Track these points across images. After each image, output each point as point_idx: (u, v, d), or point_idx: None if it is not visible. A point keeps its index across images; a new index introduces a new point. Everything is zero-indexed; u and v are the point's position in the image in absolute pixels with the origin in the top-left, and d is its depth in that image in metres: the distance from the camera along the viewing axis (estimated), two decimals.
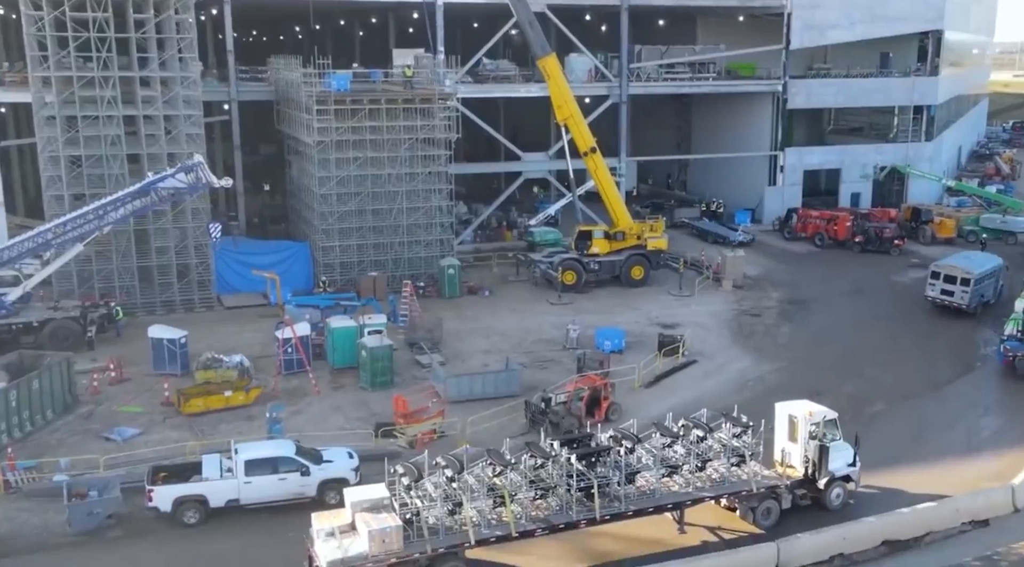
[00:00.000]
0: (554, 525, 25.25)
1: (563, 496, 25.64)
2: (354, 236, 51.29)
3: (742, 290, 53.33)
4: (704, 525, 27.95)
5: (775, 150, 71.42)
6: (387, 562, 23.33)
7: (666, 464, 27.31)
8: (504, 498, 24.76)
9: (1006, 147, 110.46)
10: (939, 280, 48.29)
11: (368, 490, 24.98)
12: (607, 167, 54.34)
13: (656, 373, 40.07)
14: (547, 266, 52.56)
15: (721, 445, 28.01)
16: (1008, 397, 38.47)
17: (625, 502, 26.12)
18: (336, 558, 23.12)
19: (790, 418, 28.98)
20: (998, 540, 27.50)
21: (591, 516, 25.48)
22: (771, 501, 27.84)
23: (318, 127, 49.50)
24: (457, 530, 24.36)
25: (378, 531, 23.19)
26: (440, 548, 23.94)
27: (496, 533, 24.58)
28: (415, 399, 34.28)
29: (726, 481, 27.46)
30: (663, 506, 26.77)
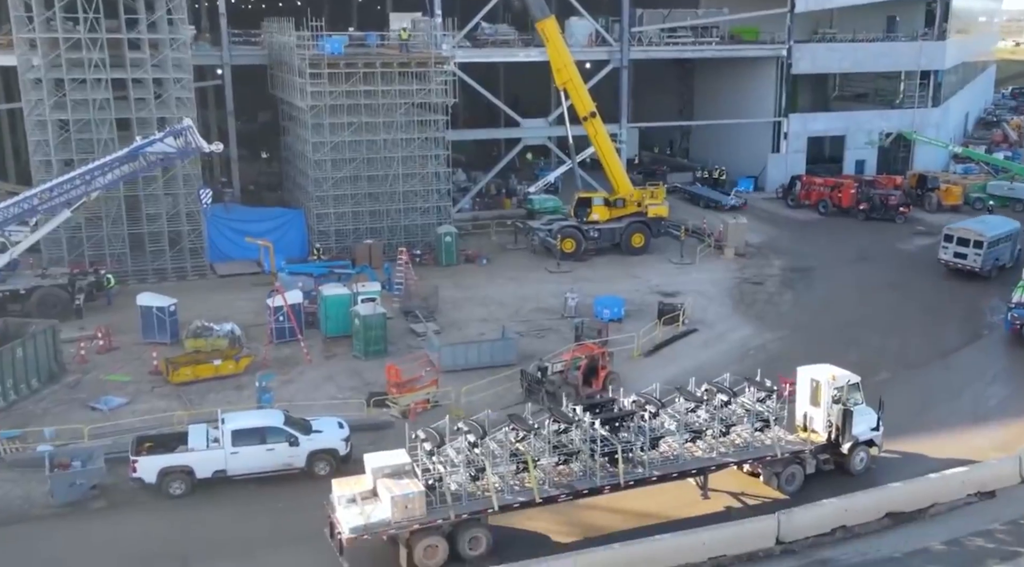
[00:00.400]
0: (578, 491, 24.90)
1: (586, 462, 25.27)
2: (349, 203, 50.39)
3: (744, 258, 52.44)
4: (727, 491, 27.62)
5: (779, 116, 70.21)
6: (410, 528, 23.04)
7: (690, 429, 26.86)
8: (528, 463, 24.35)
9: (1013, 114, 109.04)
10: (952, 243, 47.95)
11: (389, 456, 24.54)
12: (607, 133, 53.18)
13: (656, 342, 39.30)
14: (546, 234, 51.64)
15: (745, 410, 27.60)
16: (1015, 365, 37.64)
17: (649, 467, 25.74)
18: (359, 524, 22.83)
19: (812, 382, 28.42)
20: (1004, 512, 26.81)
21: (615, 482, 25.12)
22: (795, 466, 27.51)
23: (312, 91, 48.45)
24: (480, 496, 24.04)
25: (401, 497, 22.88)
26: (463, 514, 23.60)
27: (519, 499, 24.24)
28: (408, 368, 33.54)
29: (750, 446, 27.14)
30: (687, 471, 26.44)
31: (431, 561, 23.40)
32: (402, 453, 24.50)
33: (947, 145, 69.64)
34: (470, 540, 23.85)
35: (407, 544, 23.27)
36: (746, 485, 27.94)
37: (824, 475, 27.94)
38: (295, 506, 26.69)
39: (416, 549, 23.21)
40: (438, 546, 23.43)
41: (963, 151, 70.55)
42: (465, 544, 23.79)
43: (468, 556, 23.87)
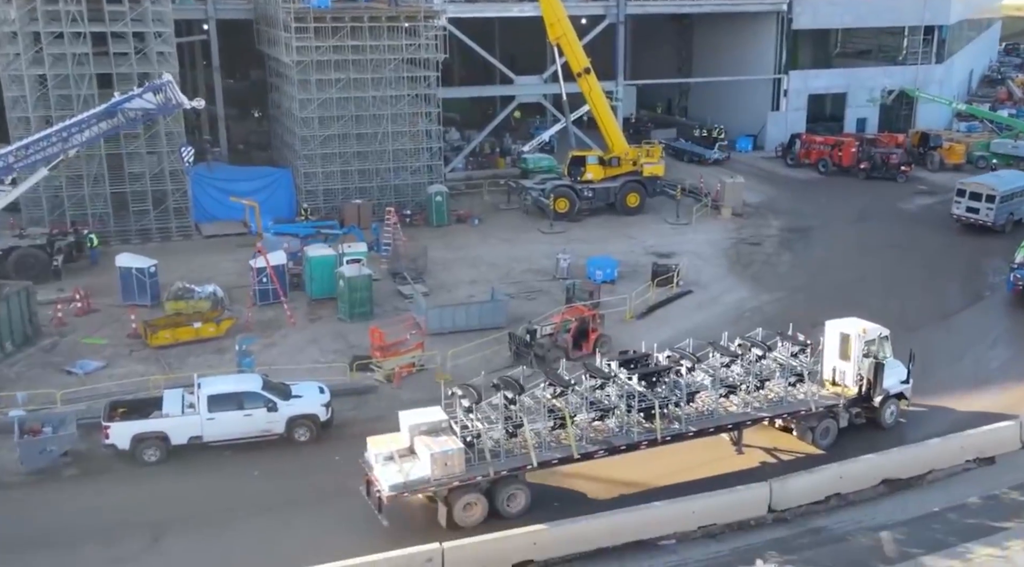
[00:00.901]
0: (615, 447, 24.67)
1: (623, 418, 24.96)
2: (337, 162, 49.21)
3: (741, 218, 51.37)
4: (760, 446, 27.47)
5: (779, 73, 68.68)
6: (449, 485, 22.85)
7: (725, 384, 26.43)
8: (565, 420, 24.09)
9: (1019, 71, 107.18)
10: (964, 198, 47.71)
11: (425, 413, 24.27)
12: (602, 90, 51.81)
13: (649, 304, 38.37)
14: (539, 193, 50.49)
15: (779, 365, 27.19)
16: (1017, 327, 36.71)
17: (685, 423, 25.48)
18: (398, 482, 22.58)
19: (842, 336, 28.02)
20: (1004, 478, 26.04)
21: (652, 437, 24.87)
22: (829, 420, 27.34)
23: (297, 46, 47.07)
24: (518, 453, 23.76)
25: (440, 454, 22.63)
26: (502, 471, 23.40)
27: (557, 455, 24.02)
28: (393, 331, 32.61)
29: (783, 401, 26.91)
30: (723, 426, 26.23)
31: (470, 518, 23.30)
32: (438, 410, 24.37)
33: (950, 102, 68.22)
34: (508, 497, 23.68)
35: (446, 501, 23.12)
36: (777, 440, 27.75)
37: (854, 429, 27.75)
38: (274, 473, 26.02)
39: (455, 506, 23.08)
40: (477, 503, 23.32)
41: (967, 109, 69.14)
42: (504, 501, 23.64)
43: (507, 513, 23.68)
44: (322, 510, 24.24)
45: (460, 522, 23.18)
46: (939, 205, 54.45)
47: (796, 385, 27.20)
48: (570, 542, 22.36)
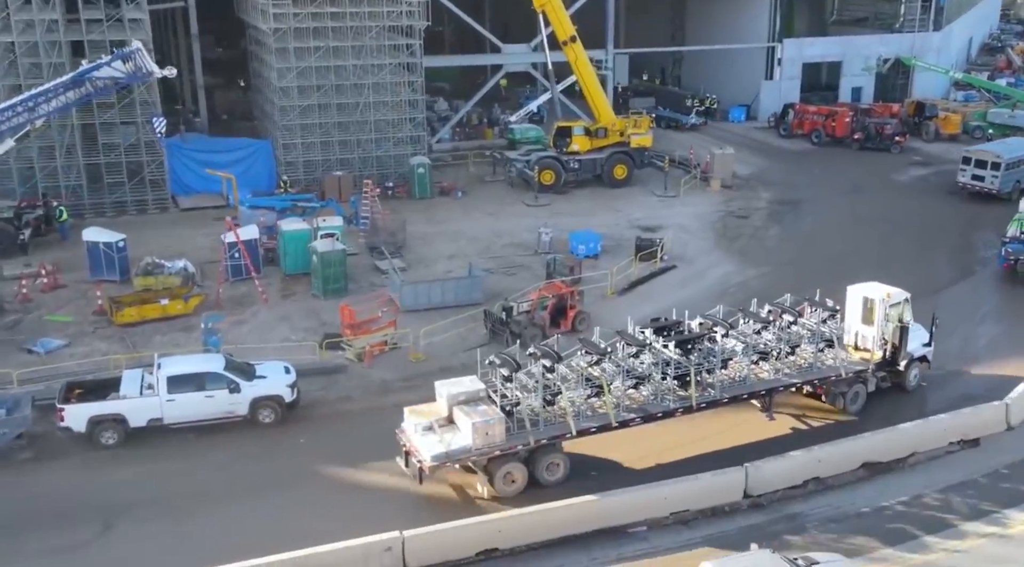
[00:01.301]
0: (651, 414, 24.59)
1: (657, 385, 24.88)
2: (317, 133, 48.10)
3: (731, 190, 50.36)
4: (789, 413, 27.55)
5: (772, 42, 67.29)
6: (490, 455, 22.85)
7: (756, 350, 26.35)
8: (603, 387, 23.96)
9: (1019, 39, 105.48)
10: (970, 165, 47.67)
11: (462, 382, 24.15)
12: (588, 59, 50.55)
13: (632, 279, 37.48)
14: (523, 165, 49.41)
15: (809, 331, 27.11)
16: (1007, 303, 35.87)
17: (719, 390, 25.41)
18: (440, 452, 22.56)
19: (865, 300, 27.85)
20: (989, 461, 25.29)
21: (687, 404, 24.82)
22: (859, 385, 27.43)
23: (274, 13, 45.88)
24: (555, 422, 23.70)
25: (482, 423, 22.62)
26: (542, 439, 23.33)
27: (595, 424, 23.92)
28: (366, 308, 31.72)
29: (813, 367, 26.81)
30: (756, 393, 26.22)
31: (510, 488, 23.25)
32: (475, 380, 24.21)
33: (947, 71, 66.91)
34: (548, 466, 23.67)
35: (486, 471, 23.11)
36: (805, 406, 27.87)
37: (880, 394, 27.96)
38: (236, 457, 25.30)
39: (496, 476, 23.04)
40: (518, 473, 23.29)
41: (963, 77, 67.80)
42: (543, 470, 23.60)
43: (547, 482, 23.64)
44: (285, 496, 23.54)
45: (500, 492, 23.18)
46: (933, 176, 53.53)
47: (824, 351, 27.05)
48: (536, 530, 21.64)
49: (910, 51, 68.71)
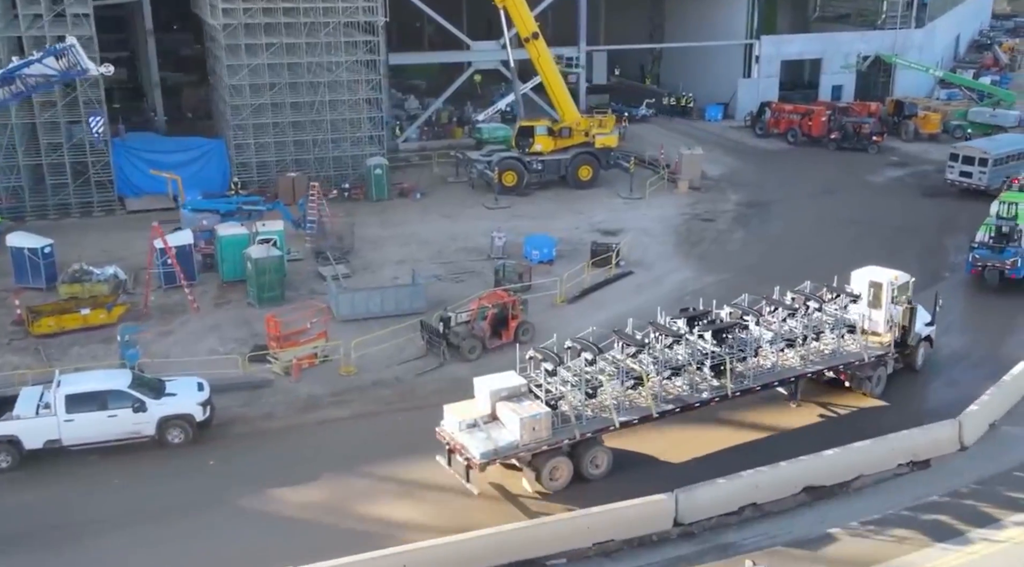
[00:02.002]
0: (689, 404, 24.73)
1: (692, 375, 25.10)
2: (271, 132, 46.58)
3: (699, 192, 48.91)
4: (814, 400, 27.62)
5: (750, 38, 65.82)
6: (537, 450, 22.74)
7: (784, 338, 26.37)
8: (642, 379, 23.94)
9: (1009, 36, 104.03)
10: (958, 162, 47.53)
11: (501, 378, 23.83)
12: (551, 56, 49.05)
13: (584, 287, 36.00)
14: (484, 166, 47.90)
15: (832, 317, 27.33)
16: (973, 313, 34.43)
17: (752, 378, 25.58)
18: (488, 449, 22.34)
19: (872, 284, 28.36)
20: (940, 484, 23.84)
21: (723, 393, 24.96)
22: (881, 368, 27.74)
23: (224, 8, 44.37)
24: (596, 415, 23.64)
25: (530, 418, 22.52)
26: (587, 433, 23.30)
27: (636, 416, 23.92)
28: (294, 319, 30.20)
29: (836, 353, 27.12)
30: (786, 380, 26.44)
31: (557, 482, 23.17)
32: (513, 375, 23.99)
33: (928, 69, 65.36)
34: (592, 459, 23.60)
35: (533, 467, 22.97)
36: (826, 393, 27.92)
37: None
38: (140, 480, 23.86)
39: (543, 471, 22.91)
40: (563, 467, 23.20)
41: (944, 75, 66.31)
42: (588, 464, 23.52)
43: (592, 476, 23.60)
44: (189, 522, 22.10)
45: (547, 487, 23.06)
46: (909, 177, 52.16)
47: (845, 337, 27.24)
48: (447, 562, 20.20)
49: (892, 48, 67.24)
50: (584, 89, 62.57)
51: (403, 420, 26.70)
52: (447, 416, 23.46)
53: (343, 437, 25.81)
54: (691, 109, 66.66)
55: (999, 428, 26.09)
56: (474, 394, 23.84)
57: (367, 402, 27.63)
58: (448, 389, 28.52)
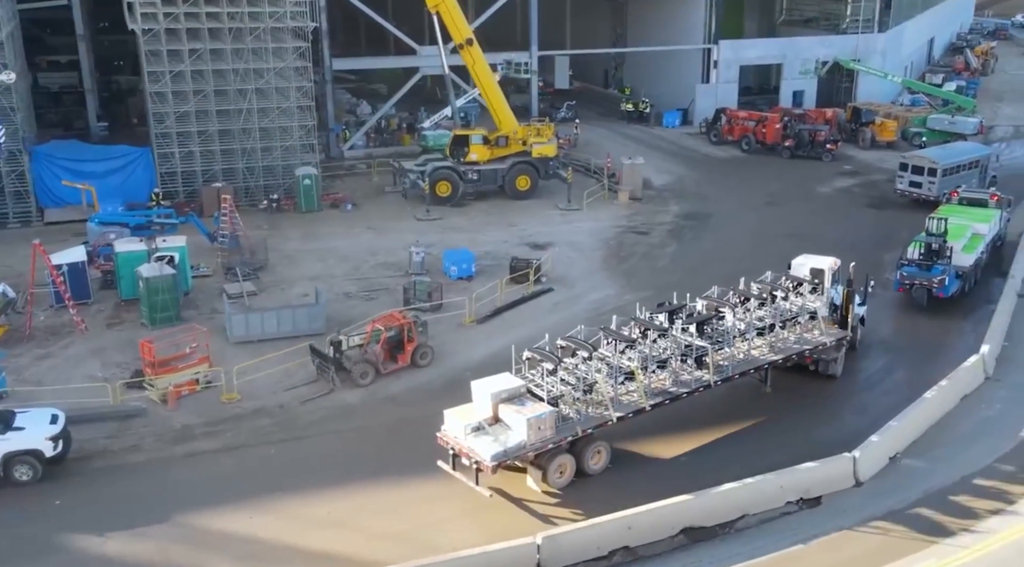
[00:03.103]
0: (677, 395, 25.32)
1: (676, 368, 25.70)
2: (196, 141, 45.21)
3: (639, 203, 47.58)
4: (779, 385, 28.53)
5: (708, 43, 64.49)
6: (544, 449, 23.10)
7: (756, 328, 27.41)
8: (634, 374, 24.51)
9: (990, 38, 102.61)
10: (907, 172, 46.53)
11: (498, 381, 24.00)
12: (486, 62, 47.69)
13: (498, 305, 34.66)
14: (417, 176, 46.54)
15: (797, 305, 28.53)
16: (895, 335, 33.06)
17: (731, 366, 26.43)
18: (498, 451, 22.59)
19: (815, 271, 29.71)
20: (830, 522, 22.53)
21: (706, 383, 25.69)
22: (841, 350, 28.96)
23: (143, 13, 43.00)
24: (592, 412, 24.19)
25: (535, 419, 22.86)
26: (588, 429, 23.76)
27: (630, 410, 24.46)
28: (173, 343, 28.78)
29: (801, 338, 28.28)
30: (760, 366, 27.37)
31: (562, 479, 23.58)
32: (510, 377, 24.27)
33: (887, 75, 63.93)
34: (594, 455, 24.06)
35: (539, 465, 23.34)
36: (788, 378, 28.80)
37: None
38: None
39: (549, 469, 23.30)
40: (568, 464, 23.61)
41: (903, 81, 64.89)
42: (588, 459, 23.96)
43: (593, 470, 24.11)
44: None
45: (554, 484, 23.44)
46: (858, 188, 50.86)
47: (808, 322, 28.42)
48: None
49: (853, 53, 65.92)
50: (536, 95, 61.11)
51: (276, 454, 25.37)
52: (448, 421, 23.63)
53: (207, 472, 24.45)
54: (648, 115, 65.29)
55: (900, 462, 24.78)
56: (472, 398, 24.06)
57: (242, 433, 26.28)
58: (334, 417, 27.44)
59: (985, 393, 28.29)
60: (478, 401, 23.78)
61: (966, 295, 35.07)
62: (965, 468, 24.27)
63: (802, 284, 28.93)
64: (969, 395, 28.08)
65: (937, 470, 24.23)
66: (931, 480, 23.89)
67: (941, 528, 22.14)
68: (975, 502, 23.04)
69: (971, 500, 23.13)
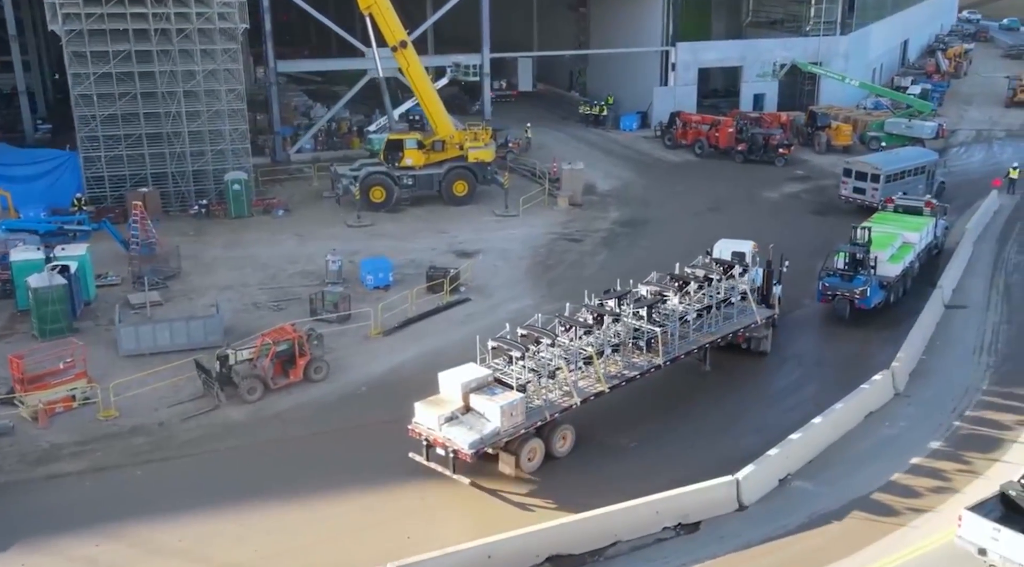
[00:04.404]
0: (631, 377, 26.19)
1: (628, 351, 26.75)
2: (123, 145, 44.22)
3: (579, 208, 46.57)
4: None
5: (666, 45, 63.49)
6: (515, 435, 23.66)
7: (696, 310, 28.33)
8: (592, 358, 25.32)
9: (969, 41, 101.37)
10: (851, 178, 45.57)
11: (465, 371, 24.38)
12: (421, 65, 46.71)
13: (409, 316, 33.66)
14: (349, 181, 45.53)
15: (728, 287, 29.37)
16: (812, 347, 32.10)
17: (677, 347, 27.37)
18: (475, 439, 23.02)
19: (735, 253, 31.61)
20: (706, 548, 21.53)
21: (657, 364, 26.70)
22: (769, 329, 30.53)
23: (65, 13, 42.01)
24: (557, 396, 24.93)
25: (508, 406, 23.34)
26: (555, 413, 24.43)
27: (593, 392, 25.25)
28: (48, 358, 27.73)
29: (734, 318, 29.46)
30: (702, 346, 28.42)
31: (533, 463, 24.26)
32: (475, 366, 24.70)
33: (844, 78, 62.85)
34: (560, 438, 24.80)
35: (510, 451, 23.82)
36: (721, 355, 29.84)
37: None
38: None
39: (521, 455, 23.88)
40: (539, 448, 24.31)
41: (860, 84, 63.80)
42: (555, 443, 24.73)
43: (560, 453, 24.85)
44: None
45: (526, 469, 24.05)
46: (806, 193, 49.91)
47: (739, 302, 29.65)
48: None
49: (815, 55, 64.94)
50: (488, 97, 60.03)
51: (143, 476, 24.34)
52: (419, 412, 23.93)
53: (65, 496, 23.41)
54: (605, 118, 64.29)
55: (791, 484, 23.77)
56: (439, 389, 24.38)
57: (113, 453, 25.26)
58: (214, 436, 26.43)
59: (891, 410, 27.26)
60: (446, 391, 24.13)
61: (891, 306, 34.02)
62: (854, 491, 23.24)
63: (733, 267, 29.82)
64: (875, 412, 27.06)
65: (824, 493, 23.20)
66: (817, 503, 22.88)
67: (822, 554, 21.17)
68: (859, 526, 22.06)
69: (856, 524, 22.15)
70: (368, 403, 28.17)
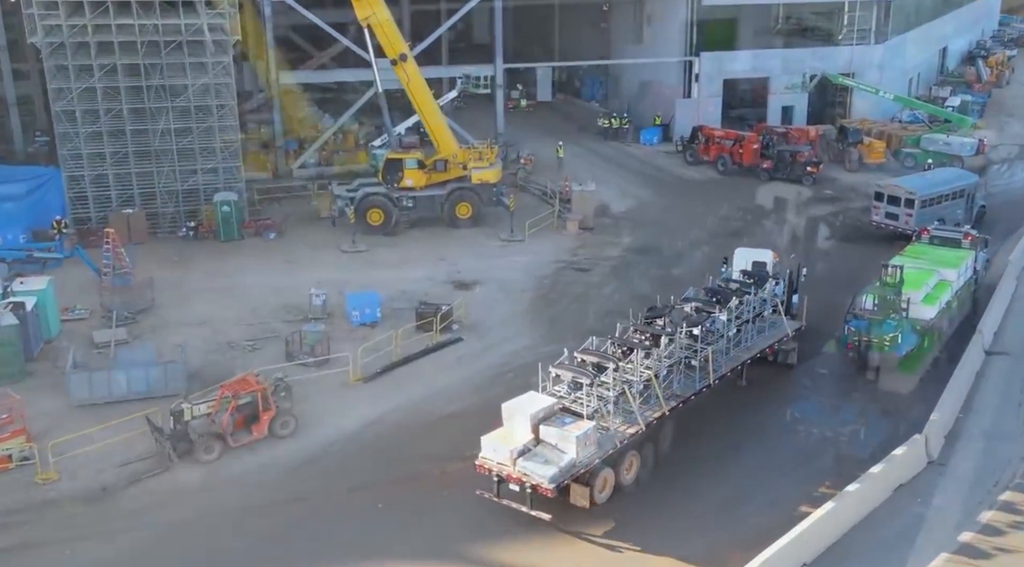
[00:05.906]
0: (687, 397, 25.92)
1: (679, 371, 26.11)
2: (108, 163, 41.93)
3: (590, 232, 43.61)
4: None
5: (689, 55, 60.29)
6: (590, 465, 22.96)
7: (736, 325, 28.06)
8: (651, 381, 24.70)
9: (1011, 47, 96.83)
10: (883, 202, 42.42)
11: (530, 401, 23.69)
12: (423, 80, 43.98)
13: (394, 359, 30.90)
14: (345, 202, 42.90)
15: (761, 300, 29.14)
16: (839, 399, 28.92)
17: (724, 364, 27.20)
18: (554, 472, 22.33)
19: (756, 263, 30.91)
20: None
21: (708, 383, 26.46)
22: (796, 342, 30.25)
23: (45, 25, 39.77)
24: (622, 421, 24.25)
25: (582, 436, 22.73)
26: (624, 440, 23.79)
27: (655, 415, 24.75)
28: None
29: (766, 331, 29.40)
30: (744, 362, 28.11)
31: (604, 494, 23.61)
32: (539, 395, 24.03)
33: (877, 90, 59.28)
34: (626, 467, 24.11)
35: (584, 482, 23.07)
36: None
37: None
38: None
39: (595, 485, 23.21)
40: (610, 478, 23.68)
41: (894, 97, 60.19)
42: (623, 471, 24.06)
43: (627, 481, 24.17)
44: None
45: (599, 501, 23.35)
46: (833, 217, 46.55)
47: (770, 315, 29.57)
48: None
49: (847, 66, 61.37)
50: (501, 111, 57.15)
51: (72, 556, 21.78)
52: (486, 447, 23.10)
53: None
54: (624, 132, 61.20)
55: None
56: (503, 422, 23.47)
57: (44, 526, 22.72)
58: (161, 504, 23.83)
59: (924, 482, 24.11)
60: (516, 423, 23.23)
61: (926, 352, 30.77)
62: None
63: (766, 279, 29.65)
64: (905, 484, 23.94)
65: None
66: None
67: None
68: None
69: None
70: (341, 463, 25.49)
